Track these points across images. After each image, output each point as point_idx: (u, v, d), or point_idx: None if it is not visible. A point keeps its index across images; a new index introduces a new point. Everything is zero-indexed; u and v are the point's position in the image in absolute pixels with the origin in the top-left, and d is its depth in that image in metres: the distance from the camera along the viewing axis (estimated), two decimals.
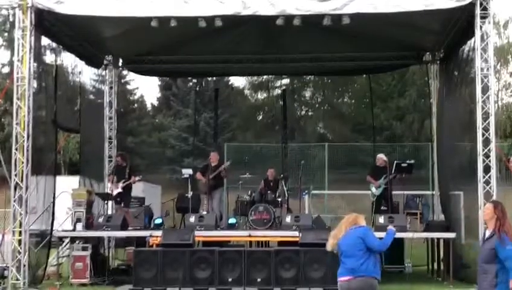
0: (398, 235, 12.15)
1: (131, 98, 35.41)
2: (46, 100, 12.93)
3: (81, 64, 14.68)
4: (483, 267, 6.06)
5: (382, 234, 6.98)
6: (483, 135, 11.17)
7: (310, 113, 38.76)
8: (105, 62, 15.76)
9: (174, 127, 32.80)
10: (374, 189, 13.66)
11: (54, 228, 12.53)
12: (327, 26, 11.93)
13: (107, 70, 16.01)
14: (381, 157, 13.95)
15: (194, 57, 15.98)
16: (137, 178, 13.82)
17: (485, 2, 11.12)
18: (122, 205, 13.55)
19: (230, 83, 34.37)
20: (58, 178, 13.44)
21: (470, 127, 11.65)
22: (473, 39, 11.60)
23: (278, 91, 36.00)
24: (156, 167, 30.58)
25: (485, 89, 11.26)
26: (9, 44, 30.41)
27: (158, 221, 13.95)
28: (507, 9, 38.16)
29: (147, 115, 36.45)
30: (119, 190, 13.44)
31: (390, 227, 6.93)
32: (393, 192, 13.68)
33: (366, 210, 15.80)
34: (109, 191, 13.96)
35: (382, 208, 13.34)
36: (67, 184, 14.05)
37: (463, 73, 12.66)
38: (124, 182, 13.46)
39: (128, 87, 34.45)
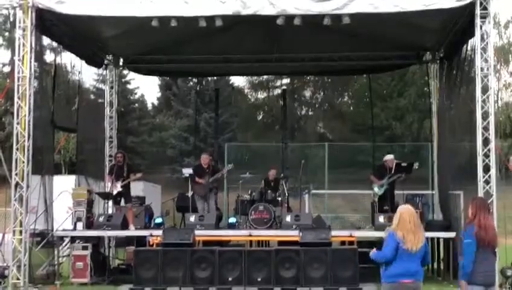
0: None
1: (131, 97, 35.35)
2: (45, 100, 12.94)
3: (80, 64, 14.69)
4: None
5: (382, 234, 6.97)
6: (482, 134, 11.15)
7: (310, 113, 38.80)
8: (105, 62, 15.76)
9: (174, 126, 32.81)
10: (376, 189, 13.63)
11: (54, 228, 12.55)
12: (327, 26, 11.93)
13: (107, 70, 16.02)
14: (391, 158, 13.85)
15: (194, 57, 15.96)
16: (139, 174, 13.77)
17: (485, 1, 11.10)
18: (124, 202, 13.52)
19: (230, 82, 34.40)
20: (59, 178, 13.45)
21: (470, 127, 11.64)
22: (473, 39, 11.59)
23: (278, 91, 36.06)
24: (156, 166, 30.58)
25: (485, 89, 11.25)
26: (10, 44, 30.43)
27: (158, 220, 13.98)
28: (508, 9, 38.14)
29: (147, 114, 36.44)
30: (119, 189, 13.43)
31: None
32: (395, 192, 13.67)
33: (366, 210, 15.83)
34: (109, 191, 13.95)
35: (385, 208, 13.32)
36: (68, 184, 14.06)
37: (463, 73, 12.64)
38: (123, 180, 13.44)
39: (129, 86, 34.40)
